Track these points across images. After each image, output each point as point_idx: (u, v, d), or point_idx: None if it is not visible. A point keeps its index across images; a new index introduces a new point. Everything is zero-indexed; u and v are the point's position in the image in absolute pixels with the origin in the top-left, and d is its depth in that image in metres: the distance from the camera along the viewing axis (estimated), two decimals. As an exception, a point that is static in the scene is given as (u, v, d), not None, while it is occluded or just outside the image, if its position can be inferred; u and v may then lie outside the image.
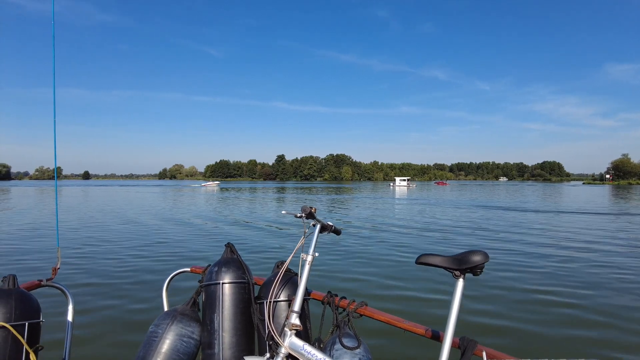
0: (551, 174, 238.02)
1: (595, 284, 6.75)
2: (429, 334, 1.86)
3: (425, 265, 1.68)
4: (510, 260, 8.64)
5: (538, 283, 6.79)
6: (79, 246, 10.29)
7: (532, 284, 6.71)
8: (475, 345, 1.64)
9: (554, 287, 6.56)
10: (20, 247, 10.25)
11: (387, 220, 17.70)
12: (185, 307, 2.26)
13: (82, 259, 8.61)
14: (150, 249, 10.03)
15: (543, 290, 6.38)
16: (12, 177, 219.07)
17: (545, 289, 6.41)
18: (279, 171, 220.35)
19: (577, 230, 14.23)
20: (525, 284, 6.74)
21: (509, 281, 6.89)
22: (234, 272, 2.21)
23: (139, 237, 12.15)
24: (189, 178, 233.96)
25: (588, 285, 6.71)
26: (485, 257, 1.55)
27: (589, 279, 7.13)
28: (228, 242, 2.39)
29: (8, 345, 1.75)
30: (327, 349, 1.94)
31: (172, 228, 14.39)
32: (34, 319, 1.86)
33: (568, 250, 9.98)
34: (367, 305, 2.09)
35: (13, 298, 1.83)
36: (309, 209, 1.89)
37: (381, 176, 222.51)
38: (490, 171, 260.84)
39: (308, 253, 1.88)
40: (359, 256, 9.12)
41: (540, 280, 6.96)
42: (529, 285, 6.62)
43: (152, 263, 8.34)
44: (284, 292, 2.13)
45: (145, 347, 2.08)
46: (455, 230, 14.15)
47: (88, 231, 13.38)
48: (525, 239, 11.96)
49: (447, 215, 19.79)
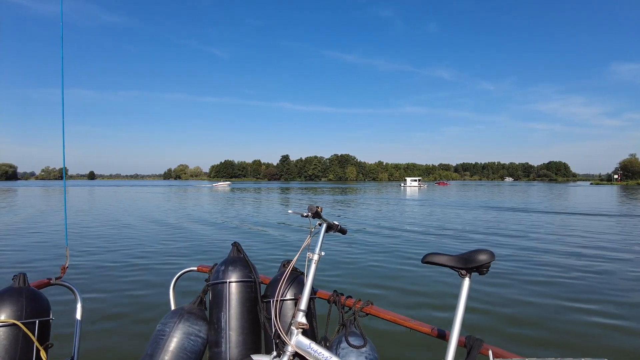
0: (557, 174, 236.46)
1: (604, 284, 6.70)
2: (434, 332, 1.86)
3: (431, 265, 1.68)
4: (517, 259, 8.61)
5: (544, 282, 6.76)
6: (88, 245, 10.37)
7: (538, 284, 6.68)
8: (481, 344, 1.65)
9: (560, 286, 6.53)
10: (30, 246, 10.35)
11: (404, 222, 17.54)
12: (192, 306, 2.28)
13: (90, 258, 8.68)
14: (157, 248, 10.08)
15: (549, 290, 6.35)
16: (19, 177, 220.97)
17: (551, 289, 6.38)
18: (283, 171, 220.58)
19: (588, 231, 14.13)
20: (531, 283, 6.71)
21: (515, 280, 6.86)
22: (241, 271, 2.23)
23: (146, 236, 12.22)
24: (194, 178, 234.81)
25: (596, 285, 6.66)
26: (491, 256, 1.55)
27: (598, 279, 7.08)
28: (234, 242, 2.40)
29: (19, 342, 1.78)
30: (334, 347, 1.94)
31: (183, 227, 14.45)
32: (44, 317, 1.89)
33: (576, 251, 9.92)
34: (373, 304, 2.10)
35: (24, 296, 1.85)
36: (315, 208, 1.90)
37: (386, 176, 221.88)
38: (496, 171, 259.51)
39: (314, 252, 1.89)
40: (365, 255, 9.12)
41: (546, 280, 6.93)
42: (535, 286, 6.59)
43: (160, 262, 8.39)
44: (290, 291, 2.14)
45: (152, 345, 2.10)
46: (470, 231, 14.10)
47: (96, 230, 13.47)
48: (532, 238, 11.90)
49: (463, 217, 19.73)
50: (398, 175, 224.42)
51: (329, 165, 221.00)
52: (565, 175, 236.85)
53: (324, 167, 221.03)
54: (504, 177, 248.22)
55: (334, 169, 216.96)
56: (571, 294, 6.15)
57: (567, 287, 6.53)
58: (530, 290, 6.32)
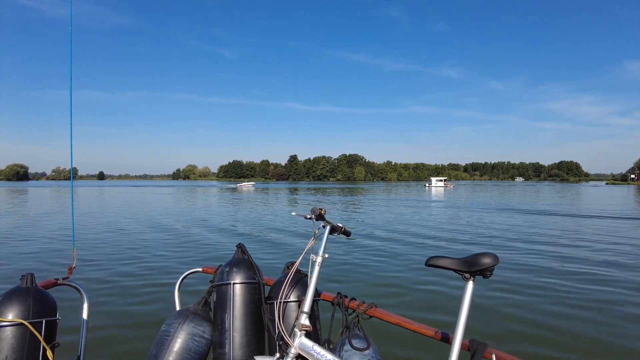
0: (568, 173, 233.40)
1: (610, 290, 6.61)
2: (438, 336, 1.85)
3: (434, 268, 1.67)
4: (523, 262, 8.52)
5: (549, 287, 6.68)
6: (95, 246, 10.49)
7: (543, 288, 6.60)
8: (485, 348, 1.63)
9: (564, 292, 6.44)
10: (38, 246, 10.49)
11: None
12: (196, 307, 2.29)
13: (97, 259, 8.78)
14: (164, 249, 10.16)
15: (554, 294, 6.27)
16: (30, 177, 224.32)
17: (555, 294, 6.30)
18: (291, 171, 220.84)
19: (600, 234, 13.94)
20: (536, 287, 6.63)
21: (520, 284, 6.79)
22: (245, 272, 2.23)
23: (154, 237, 12.33)
24: (202, 178, 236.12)
25: (604, 291, 6.57)
26: (495, 259, 1.54)
27: (606, 285, 6.97)
28: (239, 243, 2.41)
29: (26, 342, 1.80)
30: (337, 349, 1.94)
31: (194, 228, 14.55)
32: (51, 317, 1.91)
33: (585, 255, 9.79)
34: (376, 306, 2.09)
35: (31, 296, 1.88)
36: (318, 210, 1.91)
37: (395, 176, 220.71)
38: (506, 171, 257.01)
39: (318, 254, 1.89)
40: (369, 258, 9.10)
41: (552, 284, 6.85)
42: (540, 290, 6.52)
43: (166, 263, 8.46)
44: (294, 293, 2.14)
45: (157, 345, 2.12)
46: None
47: (104, 231, 13.62)
48: (541, 241, 11.77)
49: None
50: (407, 175, 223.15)
51: (337, 165, 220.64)
52: (577, 175, 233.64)
53: (332, 167, 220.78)
54: (515, 177, 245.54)
55: (342, 169, 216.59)
56: (578, 300, 6.07)
57: (573, 292, 6.45)
58: (536, 295, 6.24)
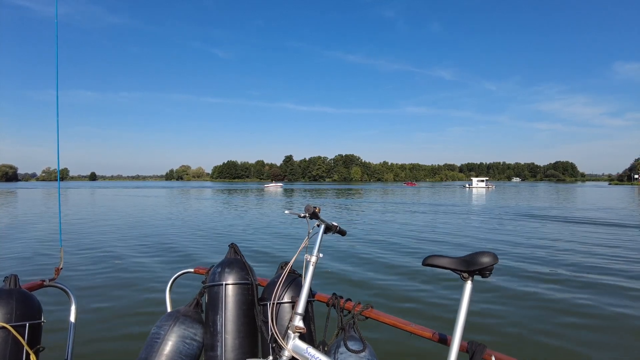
0: (564, 174, 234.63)
1: (613, 293, 6.59)
2: (436, 337, 1.80)
3: (432, 267, 1.62)
4: (523, 263, 8.51)
5: (550, 289, 6.67)
6: (83, 247, 10.38)
7: (544, 289, 6.59)
8: (484, 349, 1.59)
9: (566, 293, 6.43)
10: (24, 247, 10.35)
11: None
12: (188, 309, 2.23)
13: (85, 260, 8.66)
14: (155, 248, 10.08)
15: (555, 296, 6.26)
16: (19, 178, 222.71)
17: (557, 295, 6.29)
18: (287, 172, 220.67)
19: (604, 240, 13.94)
20: (537, 288, 6.62)
21: (520, 284, 6.78)
22: (238, 273, 2.18)
23: (144, 236, 12.23)
24: (196, 179, 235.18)
25: (605, 293, 6.54)
26: (494, 258, 1.50)
27: (608, 288, 6.95)
28: (232, 243, 2.35)
29: (8, 346, 1.74)
30: (332, 352, 1.89)
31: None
32: (35, 320, 1.85)
33: (589, 260, 9.79)
34: (372, 307, 2.04)
35: (14, 298, 1.82)
36: (312, 208, 1.86)
37: (391, 177, 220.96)
38: (502, 171, 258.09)
39: (312, 254, 1.85)
40: (365, 258, 9.06)
41: (553, 286, 6.84)
42: (541, 291, 6.50)
43: (156, 263, 8.37)
44: (287, 294, 2.09)
45: (147, 348, 2.06)
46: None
47: (92, 232, 13.51)
48: (541, 245, 11.77)
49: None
50: (404, 176, 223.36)
51: (334, 166, 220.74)
52: (572, 175, 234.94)
53: (328, 167, 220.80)
54: (511, 178, 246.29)
55: (338, 169, 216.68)
56: (579, 303, 6.06)
57: (575, 295, 6.44)
58: (536, 296, 6.23)
